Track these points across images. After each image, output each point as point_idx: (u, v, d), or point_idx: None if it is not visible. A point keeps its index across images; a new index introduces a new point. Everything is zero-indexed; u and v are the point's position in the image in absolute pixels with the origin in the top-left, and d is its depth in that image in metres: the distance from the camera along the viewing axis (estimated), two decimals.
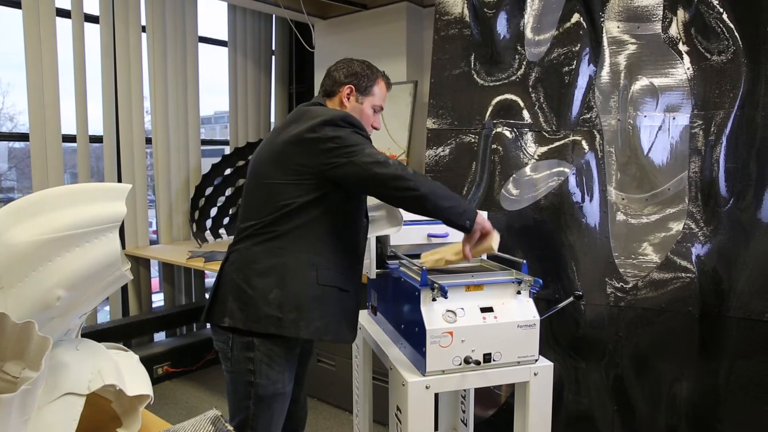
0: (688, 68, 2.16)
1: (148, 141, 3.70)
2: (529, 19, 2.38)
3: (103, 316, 4.10)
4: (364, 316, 2.04)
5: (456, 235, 1.79)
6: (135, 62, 3.53)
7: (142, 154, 3.62)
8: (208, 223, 3.86)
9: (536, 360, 1.55)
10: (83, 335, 1.27)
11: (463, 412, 2.22)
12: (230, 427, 0.96)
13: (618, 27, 2.26)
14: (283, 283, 1.48)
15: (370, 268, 1.80)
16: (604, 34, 2.28)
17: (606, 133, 2.25)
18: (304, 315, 1.48)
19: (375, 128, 1.71)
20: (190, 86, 3.85)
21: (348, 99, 1.67)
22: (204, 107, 3.96)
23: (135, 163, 3.59)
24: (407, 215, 1.75)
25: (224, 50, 4.19)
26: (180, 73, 3.78)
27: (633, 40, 2.24)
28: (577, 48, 2.29)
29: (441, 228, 1.83)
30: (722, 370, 2.03)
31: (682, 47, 2.18)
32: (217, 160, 3.86)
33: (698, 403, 2.07)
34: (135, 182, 3.59)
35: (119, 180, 3.56)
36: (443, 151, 2.51)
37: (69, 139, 3.37)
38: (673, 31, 2.19)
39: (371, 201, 1.68)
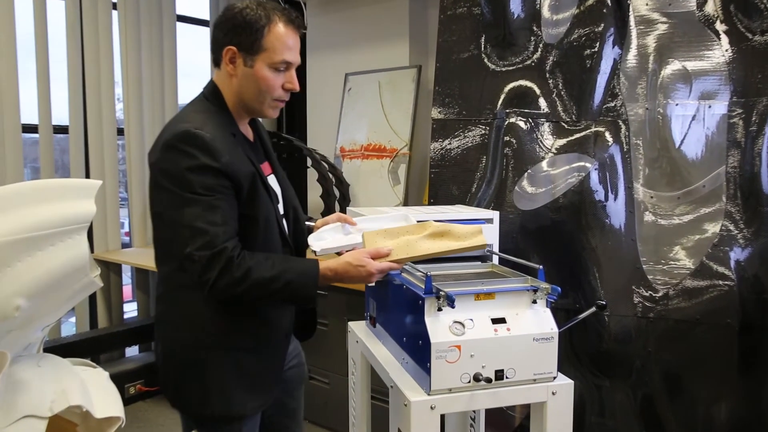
0: (727, 50, 2.16)
1: (120, 132, 3.70)
2: None
3: (69, 329, 4.09)
4: (361, 328, 2.04)
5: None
6: (105, 42, 3.53)
7: (114, 146, 3.61)
8: None
9: (554, 377, 1.54)
10: (46, 350, 1.26)
11: None
12: None
13: (647, 4, 2.26)
14: None
15: None
16: (630, 13, 2.28)
17: (632, 124, 2.25)
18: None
19: (290, 90, 1.52)
20: (167, 70, 3.85)
21: (233, 67, 1.48)
22: (183, 94, 3.96)
23: (105, 156, 3.59)
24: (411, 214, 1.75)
25: (205, 30, 4.19)
26: (156, 56, 3.78)
27: (663, 19, 2.24)
28: (600, 28, 2.29)
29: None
30: (766, 391, 2.02)
31: (720, 26, 2.17)
32: None
33: (738, 429, 2.07)
34: (105, 178, 3.58)
35: (87, 175, 3.56)
36: (450, 143, 2.51)
37: (29, 129, 3.37)
38: (710, 8, 2.19)
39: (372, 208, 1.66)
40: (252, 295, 1.42)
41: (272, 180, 1.62)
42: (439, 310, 1.47)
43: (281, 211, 1.60)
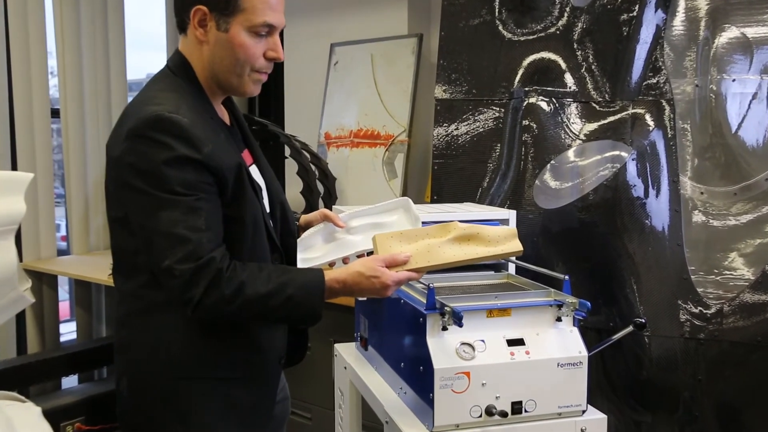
0: None
1: (55, 113, 3.67)
2: None
3: None
4: (350, 351, 2.03)
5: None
6: (34, 5, 3.51)
7: (47, 131, 3.59)
8: None
9: (583, 411, 1.54)
10: None
11: None
12: None
13: None
14: None
15: None
16: None
17: (679, 104, 2.26)
18: None
19: (273, 59, 1.51)
20: (113, 40, 3.83)
21: (202, 32, 1.46)
22: (133, 68, 3.95)
23: (36, 143, 3.57)
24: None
25: None
26: (99, 22, 3.76)
27: None
28: None
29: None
30: None
31: None
32: None
33: None
34: (36, 170, 3.55)
35: (14, 167, 3.54)
36: (457, 129, 2.51)
37: None
38: None
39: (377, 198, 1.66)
40: (245, 315, 1.42)
41: (255, 171, 1.62)
42: (444, 329, 1.47)
43: (267, 209, 1.60)
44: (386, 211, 1.75)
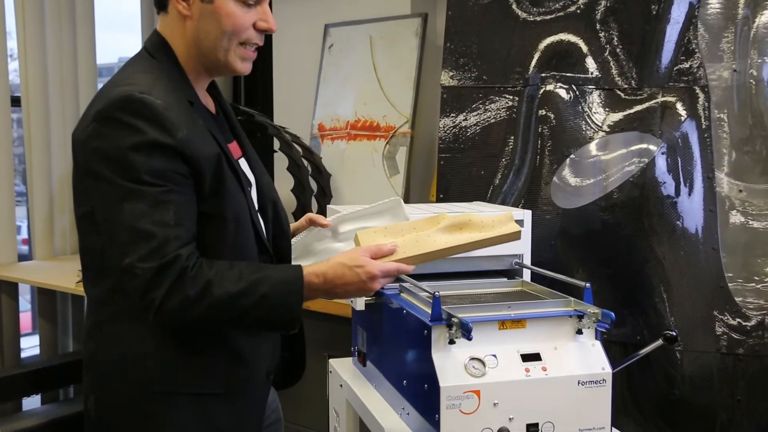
0: None
1: (15, 102, 3.67)
2: None
3: None
4: (347, 368, 2.04)
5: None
6: None
7: (6, 121, 3.59)
8: None
9: None
10: None
11: None
12: None
13: None
14: None
15: None
16: None
17: (714, 92, 2.26)
18: None
19: (264, 30, 1.53)
20: (80, 19, 3.82)
21: (185, 5, 1.47)
22: (103, 51, 3.95)
23: None
24: (410, 215, 1.75)
25: None
26: (65, 0, 3.77)
27: None
28: None
29: None
30: None
31: None
32: None
33: None
34: None
35: None
36: (466, 119, 2.51)
37: None
38: None
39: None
40: (214, 318, 1.41)
41: (243, 165, 1.62)
42: (452, 342, 1.47)
43: (256, 207, 1.61)
44: (378, 212, 1.75)
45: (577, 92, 2.38)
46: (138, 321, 1.45)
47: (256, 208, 1.60)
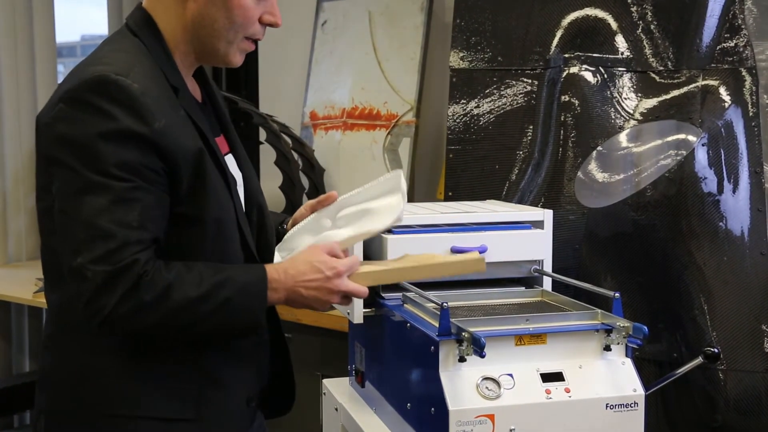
0: None
1: None
2: None
3: None
4: (343, 389, 2.03)
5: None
6: None
7: None
8: None
9: None
10: None
11: None
12: None
13: None
14: None
15: (353, 307, 1.80)
16: None
17: (764, 74, 2.26)
18: None
19: (270, 24, 1.57)
20: None
21: None
22: (64, 30, 3.95)
23: None
24: (413, 216, 1.74)
25: None
26: None
27: None
28: None
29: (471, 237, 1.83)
30: None
31: None
32: None
33: None
34: None
35: None
36: (478, 106, 2.51)
37: None
38: None
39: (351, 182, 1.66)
40: (172, 326, 1.42)
41: (231, 162, 1.63)
42: (462, 360, 1.47)
43: (243, 209, 1.62)
44: (381, 194, 1.74)
45: (606, 75, 2.38)
46: (100, 333, 1.44)
47: (243, 210, 1.61)
